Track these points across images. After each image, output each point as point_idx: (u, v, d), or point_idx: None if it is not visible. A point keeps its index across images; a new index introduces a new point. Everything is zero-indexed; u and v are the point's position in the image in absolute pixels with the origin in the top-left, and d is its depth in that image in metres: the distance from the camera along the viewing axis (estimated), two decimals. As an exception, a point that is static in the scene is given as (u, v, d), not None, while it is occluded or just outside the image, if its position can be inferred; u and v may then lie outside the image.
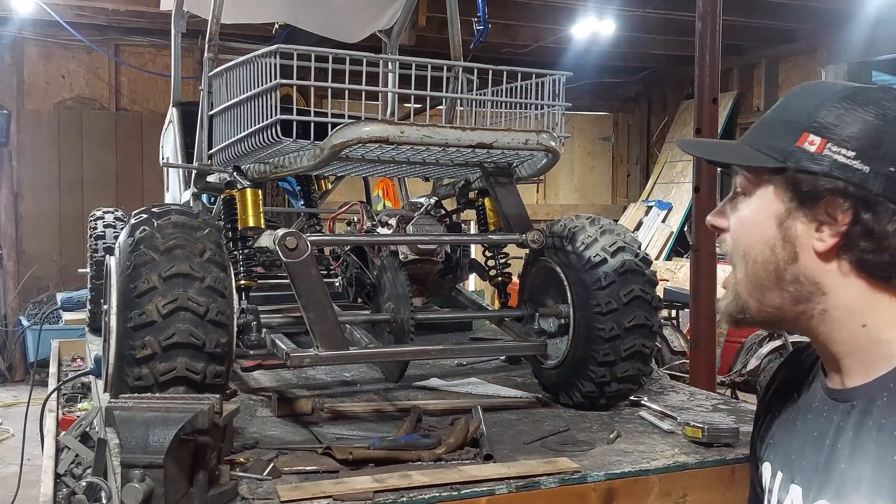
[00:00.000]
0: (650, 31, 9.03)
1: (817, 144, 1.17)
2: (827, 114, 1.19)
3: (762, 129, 1.28)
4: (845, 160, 1.15)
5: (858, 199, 1.15)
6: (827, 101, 1.20)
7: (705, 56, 3.87)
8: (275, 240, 2.16)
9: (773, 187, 1.23)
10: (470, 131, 2.26)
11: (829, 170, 1.16)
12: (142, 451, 1.51)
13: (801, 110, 1.22)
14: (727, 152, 1.36)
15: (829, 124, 1.18)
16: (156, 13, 6.60)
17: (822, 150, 1.17)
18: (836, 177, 1.16)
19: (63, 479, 2.98)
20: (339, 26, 4.10)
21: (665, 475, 1.92)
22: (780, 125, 1.24)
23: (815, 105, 1.21)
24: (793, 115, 1.23)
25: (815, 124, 1.19)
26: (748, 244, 1.27)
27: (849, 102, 1.18)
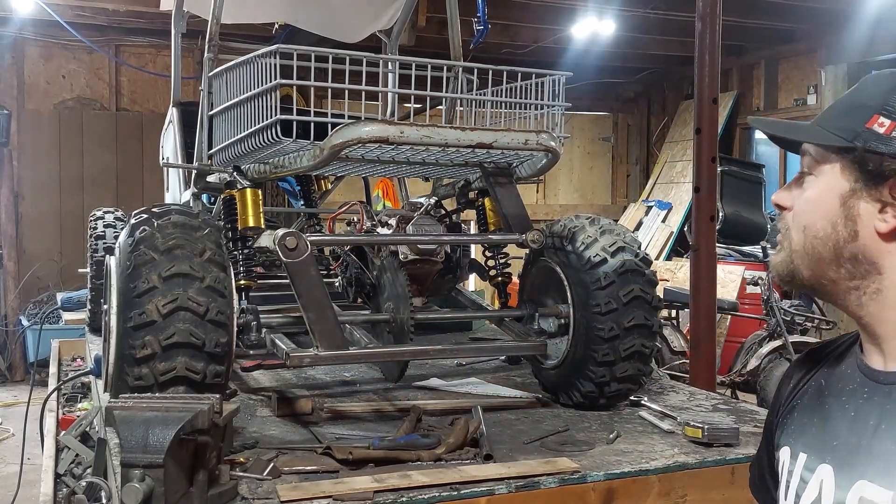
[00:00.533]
0: (650, 32, 9.03)
1: (887, 126, 1.20)
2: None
3: (833, 112, 1.30)
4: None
5: None
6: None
7: (705, 56, 3.87)
8: (275, 240, 2.16)
9: (839, 166, 1.25)
10: (470, 131, 2.26)
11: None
12: (142, 451, 1.51)
13: (874, 94, 1.25)
14: (797, 131, 1.37)
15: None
16: (156, 13, 6.60)
17: (892, 132, 1.19)
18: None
19: (63, 479, 2.98)
20: (339, 26, 4.10)
21: (665, 475, 1.92)
22: (851, 108, 1.26)
23: (888, 89, 1.23)
24: (866, 98, 1.25)
25: (887, 107, 1.21)
26: (811, 220, 1.28)
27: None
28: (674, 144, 10.85)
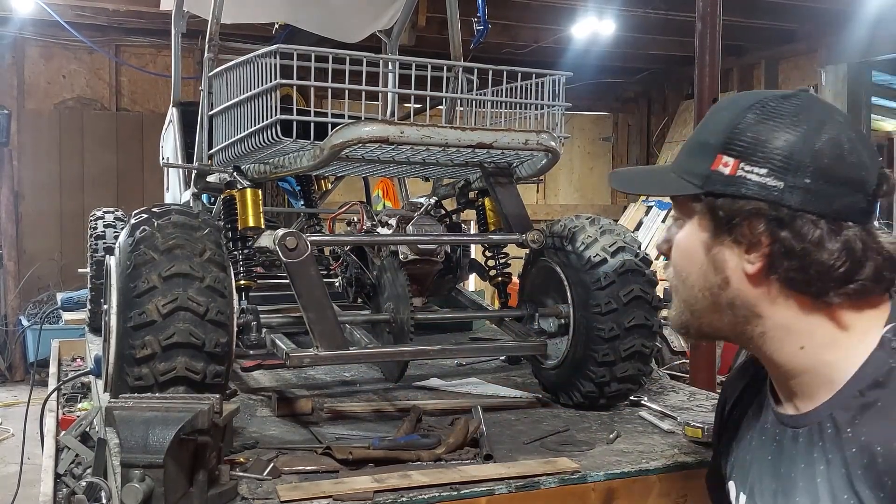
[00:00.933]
0: (650, 32, 9.03)
1: (731, 165, 1.14)
2: (738, 132, 1.15)
3: (684, 154, 1.24)
4: (759, 178, 1.12)
5: (774, 219, 1.11)
6: (737, 117, 1.16)
7: (705, 56, 3.88)
8: (275, 240, 2.16)
9: (697, 214, 1.20)
10: (470, 131, 2.26)
11: (745, 191, 1.13)
12: (142, 451, 1.51)
13: (714, 130, 1.18)
14: (651, 183, 1.32)
15: (741, 143, 1.14)
16: (156, 13, 6.61)
17: (737, 171, 1.14)
18: (751, 197, 1.12)
19: (63, 479, 2.98)
20: (339, 26, 4.10)
21: (665, 475, 1.92)
22: (698, 147, 1.21)
23: (726, 123, 1.17)
24: (708, 135, 1.19)
25: (728, 144, 1.15)
26: (685, 270, 1.24)
27: (758, 115, 1.15)
28: (674, 144, 10.85)
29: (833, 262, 1.10)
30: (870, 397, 1.09)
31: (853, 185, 1.11)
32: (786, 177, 1.11)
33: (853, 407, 1.10)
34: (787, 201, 1.11)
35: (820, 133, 1.12)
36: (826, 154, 1.11)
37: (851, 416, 1.09)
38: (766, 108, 1.16)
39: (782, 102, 1.16)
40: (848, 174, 1.11)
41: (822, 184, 1.10)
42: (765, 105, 1.16)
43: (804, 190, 1.10)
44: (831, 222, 1.11)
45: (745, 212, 1.13)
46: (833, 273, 1.11)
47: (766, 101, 1.16)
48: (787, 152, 1.11)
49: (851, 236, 1.11)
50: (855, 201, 1.11)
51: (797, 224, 1.10)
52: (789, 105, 1.15)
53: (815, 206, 1.10)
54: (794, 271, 1.12)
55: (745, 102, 1.18)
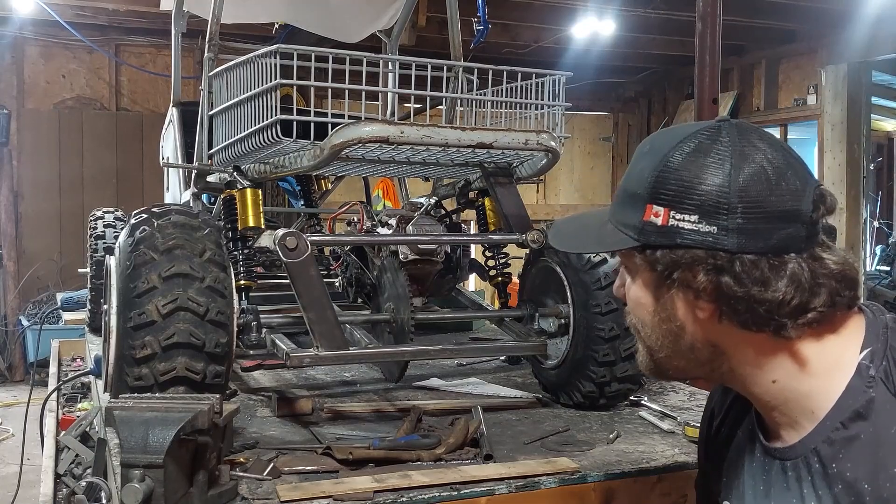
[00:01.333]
0: (650, 32, 9.03)
1: (662, 215, 1.11)
2: (662, 179, 1.11)
3: (618, 203, 1.21)
4: (691, 226, 1.09)
5: (713, 266, 1.08)
6: (659, 163, 1.12)
7: (705, 56, 3.88)
8: (275, 240, 2.16)
9: (640, 265, 1.18)
10: (470, 131, 2.26)
11: (680, 240, 1.10)
12: (142, 451, 1.51)
13: (639, 179, 1.15)
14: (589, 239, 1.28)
15: (667, 191, 1.11)
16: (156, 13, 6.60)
17: (668, 221, 1.10)
18: (687, 246, 1.09)
19: (63, 479, 2.98)
20: (339, 26, 4.10)
21: (665, 475, 1.92)
22: (627, 198, 1.17)
23: (650, 171, 1.13)
24: (636, 184, 1.16)
25: (655, 194, 1.12)
26: (641, 320, 1.22)
27: (679, 158, 1.11)
28: (674, 144, 10.81)
29: (782, 299, 1.07)
30: (852, 430, 1.07)
31: (788, 216, 1.08)
32: (717, 220, 1.07)
33: (836, 441, 1.08)
34: (723, 245, 1.07)
35: (744, 168, 1.08)
36: (754, 190, 1.07)
37: (836, 451, 1.08)
38: (687, 149, 1.11)
39: (702, 140, 1.11)
40: (780, 206, 1.07)
41: (755, 222, 1.07)
42: (684, 146, 1.12)
43: (738, 231, 1.07)
44: (773, 258, 1.07)
45: (684, 262, 1.10)
46: (784, 309, 1.08)
47: (685, 141, 1.12)
48: (714, 195, 1.08)
49: (796, 268, 1.08)
50: (793, 232, 1.08)
51: (736, 267, 1.07)
52: (709, 142, 1.11)
53: (753, 246, 1.07)
54: (744, 314, 1.10)
55: (666, 146, 1.13)
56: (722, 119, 1.15)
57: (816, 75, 9.29)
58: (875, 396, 1.06)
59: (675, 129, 1.17)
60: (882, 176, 12.38)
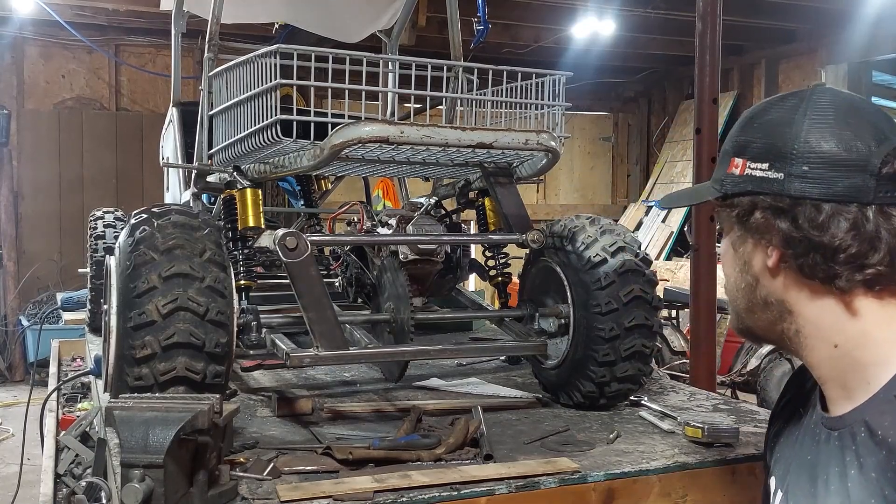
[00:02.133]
0: (650, 31, 9.04)
1: (740, 166, 1.21)
2: (743, 133, 1.23)
3: (718, 161, 1.31)
4: (762, 173, 1.17)
5: (777, 209, 1.16)
6: (746, 121, 1.24)
7: (705, 56, 3.88)
8: (275, 240, 2.16)
9: (724, 216, 1.27)
10: (470, 131, 2.26)
11: (752, 187, 1.19)
12: (142, 451, 1.51)
13: (730, 138, 1.26)
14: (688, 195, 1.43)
15: (745, 142, 1.21)
16: (156, 13, 6.60)
17: (744, 171, 1.20)
18: (757, 192, 1.18)
19: (63, 479, 2.98)
20: (339, 26, 4.10)
21: (665, 475, 1.92)
22: (722, 156, 1.28)
23: (738, 127, 1.25)
24: (727, 143, 1.27)
25: (737, 147, 1.23)
26: (728, 275, 1.30)
27: (763, 116, 1.21)
28: (674, 144, 10.86)
29: (839, 245, 1.11)
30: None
31: (853, 166, 1.12)
32: (784, 167, 1.15)
33: (887, 412, 1.09)
34: (787, 190, 1.14)
35: (815, 121, 1.15)
36: (821, 140, 1.14)
37: (884, 420, 1.09)
38: (770, 107, 1.22)
39: (788, 98, 1.21)
40: (846, 156, 1.12)
41: (820, 169, 1.13)
42: (769, 105, 1.23)
43: (801, 178, 1.13)
44: (835, 206, 1.12)
45: (754, 207, 1.19)
46: (840, 256, 1.11)
47: (773, 101, 1.23)
48: (782, 142, 1.16)
49: (859, 218, 1.11)
50: (858, 182, 1.12)
51: (797, 211, 1.14)
52: (794, 99, 1.20)
53: (816, 192, 1.13)
54: (801, 258, 1.15)
55: (757, 108, 1.25)
56: (818, 84, 1.23)
57: (816, 75, 9.30)
58: None
59: (768, 99, 1.27)
60: (882, 176, 12.38)
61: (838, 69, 8.96)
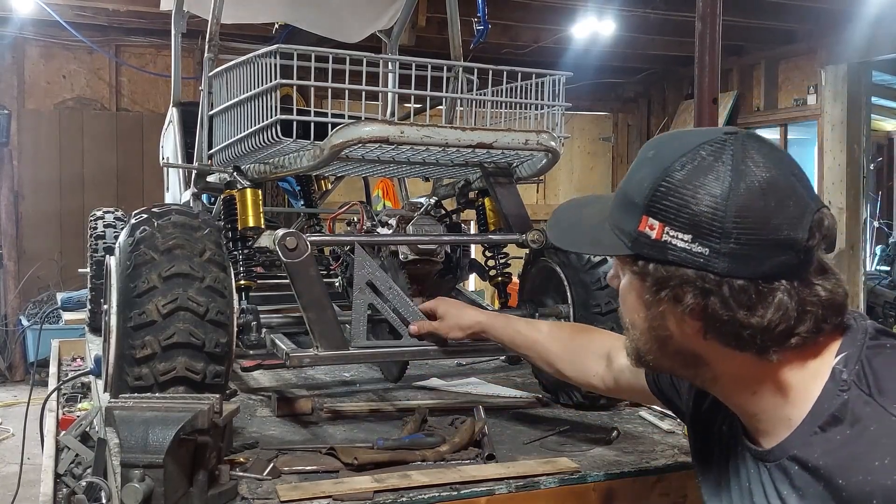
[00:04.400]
0: (650, 32, 9.03)
1: (656, 229, 1.11)
2: (660, 194, 1.11)
3: (617, 204, 1.20)
4: (684, 244, 1.09)
5: (702, 288, 1.09)
6: (659, 176, 1.12)
7: (705, 56, 3.87)
8: (275, 240, 2.16)
9: (630, 271, 1.19)
10: (470, 131, 2.26)
11: (672, 257, 1.10)
12: (142, 451, 1.51)
13: (640, 188, 1.14)
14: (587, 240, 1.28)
15: (664, 206, 1.10)
16: (156, 13, 6.60)
17: (662, 236, 1.11)
18: (678, 264, 1.10)
19: (63, 479, 2.98)
20: (339, 26, 4.10)
21: (665, 475, 1.92)
22: (627, 203, 1.17)
23: (649, 182, 1.12)
24: (634, 192, 1.15)
25: (652, 206, 1.12)
26: (630, 317, 1.24)
27: (680, 174, 1.10)
28: (674, 144, 10.81)
29: (767, 325, 1.08)
30: (830, 433, 1.09)
31: (782, 245, 1.07)
32: (710, 242, 1.07)
33: (815, 444, 1.10)
34: (713, 268, 1.07)
35: (743, 192, 1.07)
36: (750, 216, 1.07)
37: (813, 452, 1.10)
38: (689, 164, 1.10)
39: (705, 156, 1.10)
40: (775, 235, 1.07)
41: (748, 248, 1.07)
42: (686, 161, 1.11)
43: (730, 256, 1.07)
44: (762, 284, 1.08)
45: (674, 280, 1.11)
46: (769, 335, 1.09)
47: (688, 155, 1.11)
48: (709, 217, 1.07)
49: (784, 297, 1.08)
50: (786, 260, 1.08)
51: (724, 291, 1.08)
52: (711, 158, 1.10)
53: (743, 271, 1.07)
54: (728, 335, 1.11)
55: (669, 156, 1.12)
56: (729, 132, 1.14)
57: (816, 75, 9.30)
58: (848, 399, 1.08)
59: (682, 138, 1.15)
60: (882, 176, 12.39)
61: (838, 69, 8.96)
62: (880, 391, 1.07)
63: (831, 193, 8.94)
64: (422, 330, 2.16)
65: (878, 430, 1.05)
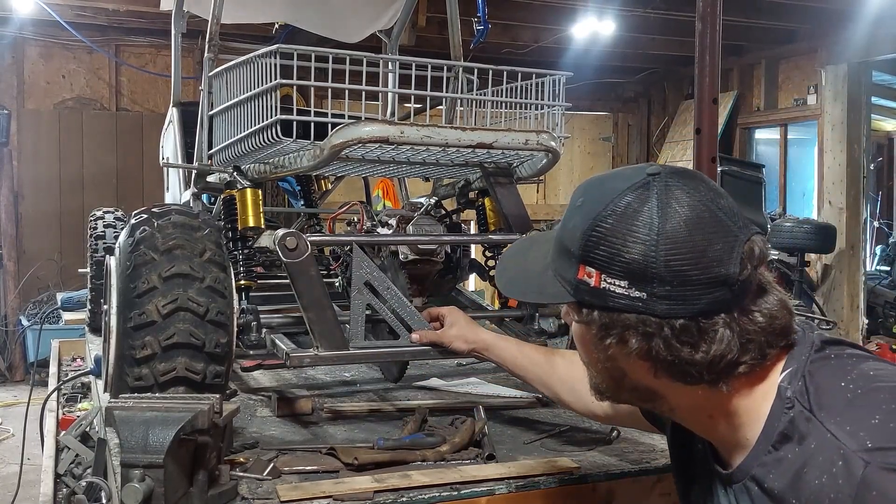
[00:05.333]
0: (650, 32, 9.03)
1: (594, 277, 1.14)
2: (592, 243, 1.13)
3: (556, 253, 1.23)
4: (622, 290, 1.11)
5: (644, 332, 1.11)
6: (590, 226, 1.14)
7: (705, 56, 3.87)
8: (275, 240, 2.16)
9: (576, 319, 1.21)
10: (470, 131, 2.26)
11: (612, 303, 1.13)
12: (142, 451, 1.51)
13: (573, 237, 1.17)
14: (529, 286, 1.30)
15: (598, 254, 1.13)
16: (156, 13, 6.61)
17: (600, 284, 1.13)
18: (619, 309, 1.12)
19: (63, 479, 2.98)
20: (339, 26, 4.10)
21: (665, 475, 1.92)
22: (563, 252, 1.19)
23: (581, 230, 1.15)
24: (569, 241, 1.18)
25: (586, 255, 1.14)
26: (585, 356, 1.27)
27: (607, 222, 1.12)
28: (674, 144, 10.85)
29: (712, 360, 1.11)
30: (781, 451, 1.11)
31: (714, 282, 1.09)
32: (646, 287, 1.10)
33: (769, 463, 1.12)
34: (652, 310, 1.10)
35: (670, 235, 1.09)
36: (680, 259, 1.09)
37: (768, 472, 1.12)
38: (617, 211, 1.12)
39: (631, 202, 1.12)
40: (706, 274, 1.09)
41: (682, 288, 1.09)
42: (614, 208, 1.13)
43: (666, 298, 1.09)
44: (702, 321, 1.10)
45: (618, 325, 1.14)
46: (715, 369, 1.12)
47: (615, 202, 1.13)
48: (641, 263, 1.09)
49: (725, 331, 1.10)
50: (720, 295, 1.10)
51: (665, 332, 1.10)
52: (637, 203, 1.12)
53: (682, 311, 1.09)
54: (676, 372, 1.14)
55: (597, 205, 1.14)
56: (652, 172, 1.15)
57: (816, 75, 9.30)
58: (794, 416, 1.10)
59: (607, 184, 1.17)
60: (882, 176, 12.39)
61: (838, 69, 8.96)
62: (820, 406, 1.09)
63: (831, 193, 8.94)
64: (424, 339, 2.17)
65: (816, 448, 1.06)
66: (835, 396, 1.09)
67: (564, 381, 1.84)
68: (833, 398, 1.09)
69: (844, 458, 1.02)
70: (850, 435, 1.03)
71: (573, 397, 1.82)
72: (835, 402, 1.08)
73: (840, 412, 1.06)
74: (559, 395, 1.87)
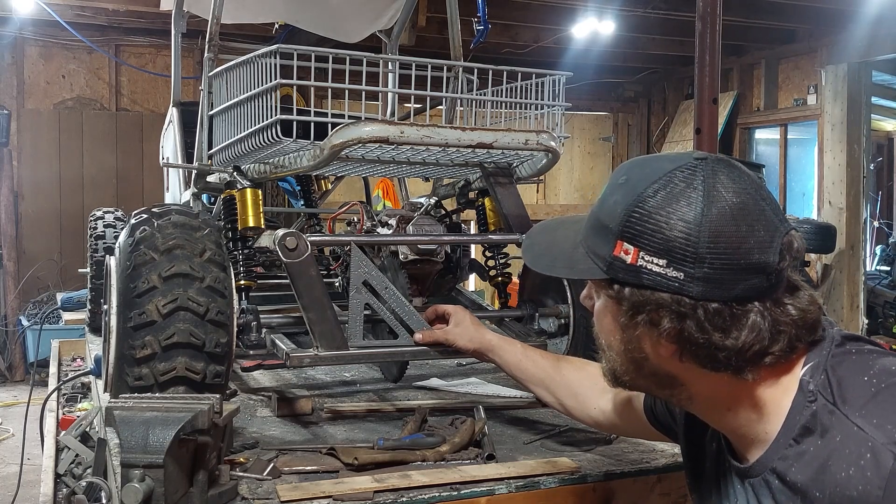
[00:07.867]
0: (650, 32, 9.04)
1: (631, 254, 1.13)
2: (634, 219, 1.13)
3: (590, 227, 1.22)
4: (659, 269, 1.11)
5: (677, 311, 1.11)
6: (632, 202, 1.13)
7: (705, 56, 3.87)
8: (275, 240, 2.16)
9: (605, 294, 1.20)
10: (470, 131, 2.26)
11: (647, 281, 1.12)
12: (142, 451, 1.51)
13: (613, 213, 1.16)
14: (562, 263, 1.28)
15: (639, 231, 1.12)
16: (156, 13, 6.61)
17: (637, 261, 1.13)
18: (654, 288, 1.12)
19: (63, 479, 2.98)
20: (338, 26, 4.10)
21: (665, 475, 1.92)
22: (600, 228, 1.19)
23: (623, 208, 1.14)
24: (608, 217, 1.17)
25: (626, 231, 1.13)
26: (606, 339, 1.26)
27: (652, 200, 1.12)
28: (674, 144, 10.85)
29: (742, 346, 1.11)
30: (803, 445, 1.11)
31: (753, 268, 1.10)
32: (685, 267, 1.10)
33: (790, 456, 1.12)
34: (688, 291, 1.10)
35: (715, 217, 1.09)
36: (723, 241, 1.09)
37: (790, 466, 1.12)
38: (661, 191, 1.13)
39: (677, 182, 1.12)
40: (747, 259, 1.09)
41: (721, 272, 1.09)
42: (659, 187, 1.13)
43: (704, 280, 1.09)
44: (736, 307, 1.10)
45: (650, 304, 1.13)
46: (744, 356, 1.12)
47: (661, 181, 1.13)
48: (683, 242, 1.10)
49: (758, 319, 1.11)
50: (757, 283, 1.10)
51: (699, 314, 1.10)
52: (683, 184, 1.12)
53: (717, 294, 1.10)
54: (704, 357, 1.14)
55: (641, 183, 1.14)
56: (699, 157, 1.16)
57: (816, 75, 9.30)
58: (816, 409, 1.10)
59: (653, 164, 1.18)
60: (882, 176, 12.39)
61: (838, 69, 8.96)
62: (843, 400, 1.09)
63: (831, 193, 8.94)
64: (426, 339, 2.17)
65: (842, 441, 1.06)
66: (858, 390, 1.09)
67: (569, 386, 1.84)
68: (857, 392, 1.09)
69: (873, 451, 1.02)
70: (878, 427, 1.03)
71: (575, 402, 1.82)
72: (858, 396, 1.08)
73: (864, 405, 1.07)
74: (561, 401, 1.86)
